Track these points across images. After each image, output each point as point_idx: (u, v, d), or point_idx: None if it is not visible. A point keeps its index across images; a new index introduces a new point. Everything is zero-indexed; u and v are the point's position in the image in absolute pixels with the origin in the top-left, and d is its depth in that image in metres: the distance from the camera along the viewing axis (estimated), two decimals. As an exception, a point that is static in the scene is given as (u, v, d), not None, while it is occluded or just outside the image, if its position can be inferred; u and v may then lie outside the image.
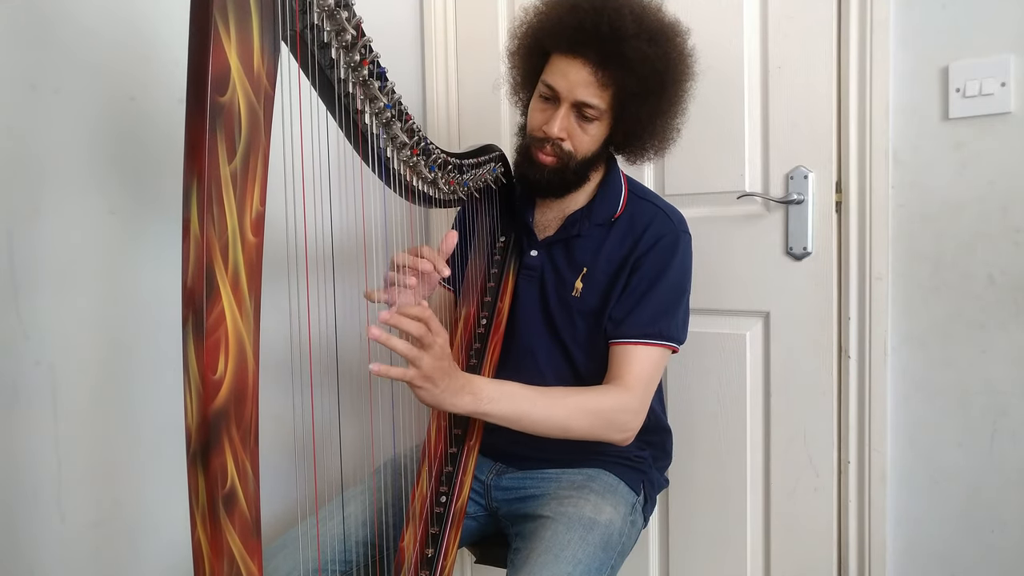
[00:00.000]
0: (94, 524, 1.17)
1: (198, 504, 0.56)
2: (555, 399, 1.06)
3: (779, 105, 1.37)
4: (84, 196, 1.12)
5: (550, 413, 1.04)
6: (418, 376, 0.90)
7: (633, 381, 1.09)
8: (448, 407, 0.96)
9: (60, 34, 1.08)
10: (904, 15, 1.25)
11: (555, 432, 1.05)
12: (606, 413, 1.08)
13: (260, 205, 0.59)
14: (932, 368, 1.27)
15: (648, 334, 1.11)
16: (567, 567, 0.96)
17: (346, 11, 0.71)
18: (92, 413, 1.16)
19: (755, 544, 1.46)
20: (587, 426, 1.07)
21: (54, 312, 1.09)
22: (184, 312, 0.56)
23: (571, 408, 1.06)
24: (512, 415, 1.01)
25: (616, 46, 1.04)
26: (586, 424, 1.06)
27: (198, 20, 0.55)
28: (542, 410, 1.03)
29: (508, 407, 1.01)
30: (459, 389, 0.96)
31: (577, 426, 1.06)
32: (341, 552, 1.07)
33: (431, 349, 0.90)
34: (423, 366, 0.89)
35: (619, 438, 1.10)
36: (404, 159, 0.91)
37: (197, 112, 0.55)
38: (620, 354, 1.11)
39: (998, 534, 1.23)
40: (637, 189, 1.22)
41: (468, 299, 1.20)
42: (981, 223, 1.21)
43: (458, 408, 0.96)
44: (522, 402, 1.02)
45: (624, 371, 1.10)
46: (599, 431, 1.08)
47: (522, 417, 1.02)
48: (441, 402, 0.94)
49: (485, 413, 0.99)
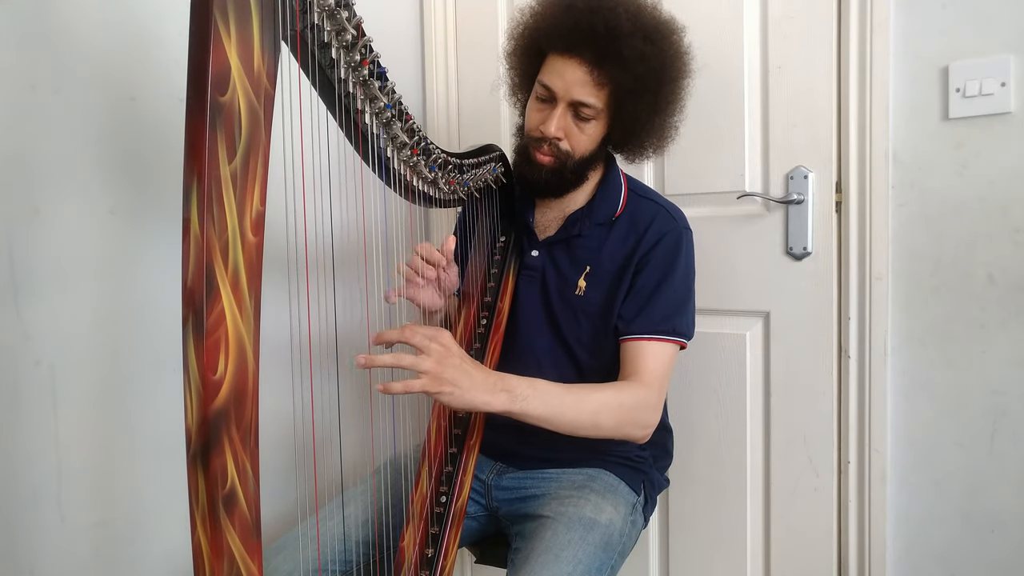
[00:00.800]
0: (94, 524, 1.17)
1: (198, 504, 0.56)
2: (581, 396, 1.03)
3: (779, 105, 1.37)
4: (84, 196, 1.12)
5: (580, 409, 1.02)
6: (430, 382, 0.88)
7: (649, 377, 1.09)
8: (482, 406, 0.93)
9: (60, 34, 1.08)
10: (904, 15, 1.25)
11: (585, 429, 1.03)
12: (630, 408, 1.06)
13: (260, 205, 0.59)
14: (932, 368, 1.27)
15: (661, 330, 1.11)
16: (567, 567, 0.95)
17: (346, 11, 0.71)
18: (92, 413, 1.15)
19: (755, 544, 1.46)
20: (615, 423, 1.05)
21: (54, 312, 1.09)
22: (184, 312, 0.56)
23: (598, 404, 1.04)
24: (546, 413, 0.98)
25: (612, 45, 1.04)
26: (614, 420, 1.05)
27: (198, 20, 0.55)
28: (571, 407, 1.01)
29: (542, 404, 0.98)
30: (492, 387, 0.93)
31: (606, 422, 1.04)
32: (341, 552, 1.07)
33: (428, 351, 0.88)
34: (427, 368, 0.87)
35: (639, 435, 1.09)
36: (404, 159, 0.91)
37: (197, 112, 0.55)
38: (634, 350, 1.11)
39: (998, 534, 1.23)
40: (637, 187, 1.22)
41: (468, 299, 1.20)
42: (981, 223, 1.21)
43: (493, 407, 0.94)
44: (552, 399, 1.00)
45: (640, 367, 1.09)
46: (624, 428, 1.07)
47: (555, 415, 0.99)
48: (473, 402, 0.91)
49: (521, 412, 0.96)
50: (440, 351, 0.89)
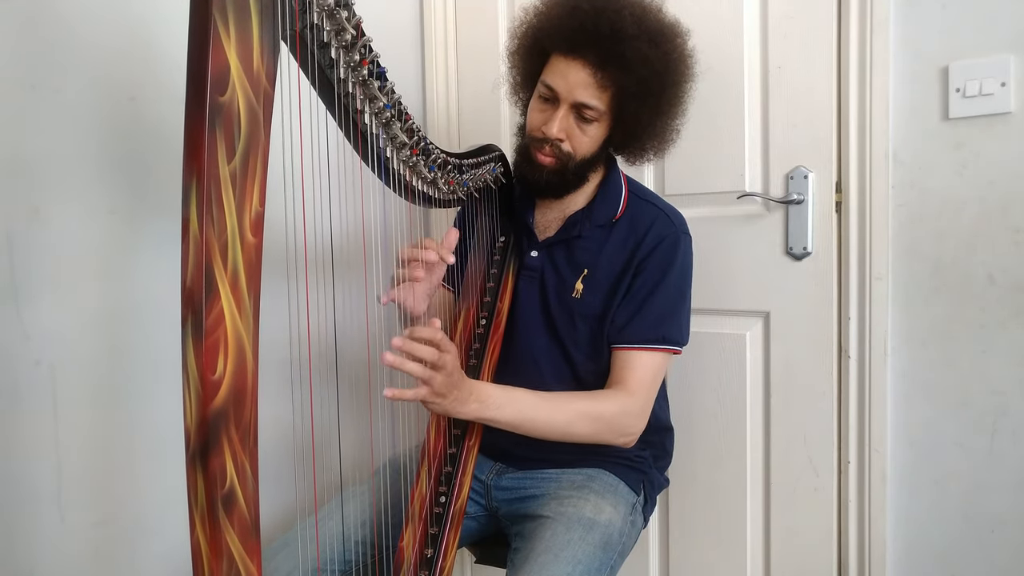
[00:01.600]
0: (94, 524, 1.17)
1: (197, 504, 0.56)
2: (558, 404, 1.07)
3: (779, 105, 1.37)
4: (84, 196, 1.12)
5: (552, 418, 1.06)
6: (430, 394, 0.92)
7: (636, 386, 1.11)
8: (454, 415, 0.98)
9: (60, 34, 1.08)
10: (904, 15, 1.25)
11: (557, 436, 1.07)
12: (609, 418, 1.09)
13: (259, 205, 0.59)
14: (932, 368, 1.27)
15: (650, 339, 1.12)
16: (567, 567, 0.96)
17: (346, 11, 0.71)
18: (92, 413, 1.15)
19: (755, 544, 1.45)
20: (590, 431, 1.08)
21: (54, 312, 1.09)
22: (183, 312, 0.56)
23: (573, 414, 1.07)
24: (516, 420, 1.04)
25: (616, 47, 1.04)
26: (589, 430, 1.08)
27: (197, 19, 0.55)
28: (545, 415, 1.05)
29: (512, 413, 1.03)
30: (466, 397, 0.98)
31: (579, 431, 1.08)
32: (340, 552, 1.07)
33: (443, 369, 0.91)
34: (436, 385, 0.92)
35: (622, 441, 1.12)
36: (404, 159, 0.91)
37: (196, 112, 0.55)
38: (623, 359, 1.12)
39: (998, 534, 1.23)
40: (638, 190, 1.22)
41: (468, 299, 1.20)
42: (981, 223, 1.21)
43: (464, 415, 0.99)
44: (526, 408, 1.04)
45: (627, 376, 1.11)
46: (602, 435, 1.10)
47: (525, 422, 1.04)
48: (448, 411, 0.97)
49: (491, 419, 1.02)
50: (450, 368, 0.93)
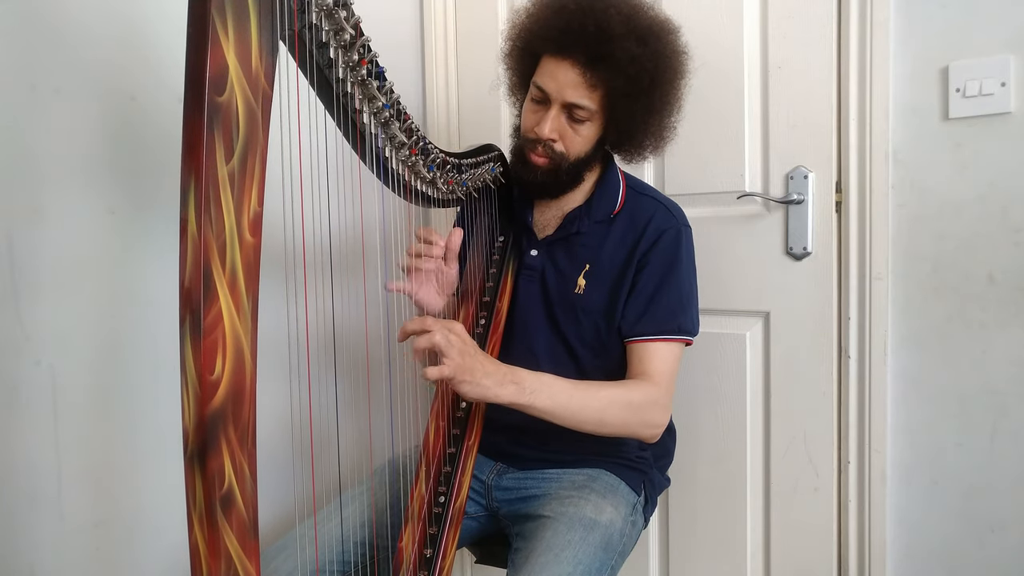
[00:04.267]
0: (94, 524, 1.17)
1: (195, 505, 0.56)
2: (590, 391, 1.05)
3: (779, 105, 1.36)
4: (84, 196, 1.12)
5: (586, 405, 1.03)
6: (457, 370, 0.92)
7: (659, 377, 1.09)
8: (493, 398, 0.96)
9: (60, 34, 1.08)
10: (904, 15, 1.25)
11: (590, 425, 1.04)
12: (639, 405, 1.07)
13: (258, 205, 0.59)
14: (932, 368, 1.27)
15: (667, 330, 1.11)
16: (567, 567, 0.95)
17: (344, 10, 0.71)
18: (92, 413, 1.15)
19: (755, 544, 1.45)
20: (622, 420, 1.06)
21: (54, 312, 1.09)
22: (181, 312, 0.56)
23: (606, 401, 1.05)
24: (551, 407, 1.00)
25: (603, 47, 1.03)
26: (621, 418, 1.06)
27: (196, 19, 0.55)
28: (579, 402, 1.02)
29: (548, 398, 1.00)
30: (503, 379, 0.96)
31: (612, 419, 1.05)
32: (340, 553, 1.07)
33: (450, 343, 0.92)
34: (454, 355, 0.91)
35: (647, 434, 1.10)
36: (403, 159, 0.91)
37: (195, 112, 0.55)
38: (641, 351, 1.11)
39: (998, 534, 1.23)
40: (636, 185, 1.22)
41: (467, 299, 1.20)
42: (981, 223, 1.21)
43: (503, 399, 0.96)
44: (560, 394, 1.01)
45: (648, 367, 1.10)
46: (632, 426, 1.08)
47: (561, 409, 1.01)
48: (485, 393, 0.95)
49: (528, 404, 0.99)
50: (459, 343, 0.93)
